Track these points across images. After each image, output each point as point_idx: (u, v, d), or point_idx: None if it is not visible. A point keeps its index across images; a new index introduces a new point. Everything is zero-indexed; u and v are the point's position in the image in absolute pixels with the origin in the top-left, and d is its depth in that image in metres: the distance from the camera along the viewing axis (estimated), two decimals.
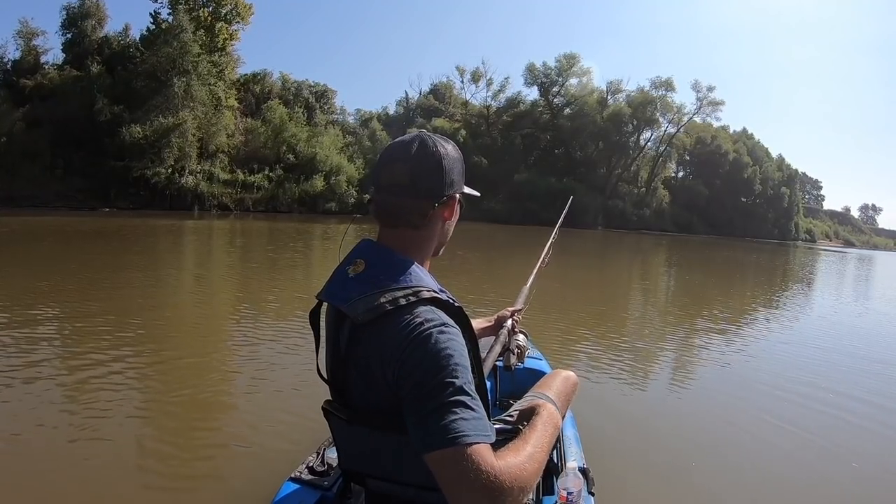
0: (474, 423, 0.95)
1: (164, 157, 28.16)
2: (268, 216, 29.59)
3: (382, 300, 1.06)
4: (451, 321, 1.08)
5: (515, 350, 1.82)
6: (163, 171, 28.18)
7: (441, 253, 1.29)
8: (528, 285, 2.17)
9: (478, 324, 1.86)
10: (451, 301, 1.13)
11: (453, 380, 0.98)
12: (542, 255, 2.36)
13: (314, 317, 1.26)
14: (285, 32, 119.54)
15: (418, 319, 1.04)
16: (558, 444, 1.88)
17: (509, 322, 1.93)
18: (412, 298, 1.06)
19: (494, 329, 1.92)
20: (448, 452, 0.93)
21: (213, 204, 30.14)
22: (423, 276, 1.14)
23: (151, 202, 27.80)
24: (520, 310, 1.98)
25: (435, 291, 1.11)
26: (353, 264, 1.16)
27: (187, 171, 29.19)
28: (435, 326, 1.03)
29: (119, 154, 27.59)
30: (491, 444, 0.96)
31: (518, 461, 1.00)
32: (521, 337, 1.88)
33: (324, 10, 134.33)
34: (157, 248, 13.42)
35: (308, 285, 8.56)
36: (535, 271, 2.28)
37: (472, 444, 0.93)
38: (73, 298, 6.40)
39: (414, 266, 1.15)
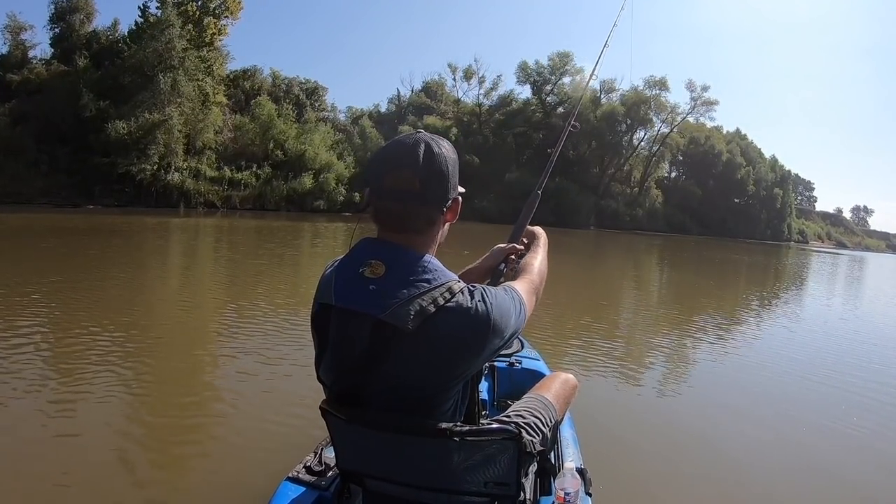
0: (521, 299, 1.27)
1: (149, 153, 27.71)
2: (255, 214, 29.30)
3: (426, 304, 1.09)
4: (477, 285, 1.19)
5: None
6: (148, 167, 27.73)
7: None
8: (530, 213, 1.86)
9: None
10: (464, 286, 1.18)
11: (517, 310, 1.23)
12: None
13: (320, 320, 1.21)
14: (278, 30, 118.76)
15: (466, 304, 1.12)
16: (556, 445, 1.91)
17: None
18: (448, 295, 1.11)
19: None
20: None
21: (199, 201, 29.71)
22: (444, 269, 1.18)
23: (136, 199, 27.42)
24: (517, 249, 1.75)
25: (458, 281, 1.16)
26: (368, 266, 1.14)
27: (173, 167, 28.78)
28: (479, 298, 1.14)
29: (104, 150, 27.15)
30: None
31: (525, 281, 1.40)
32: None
33: (318, 7, 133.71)
34: (143, 246, 13.20)
35: (301, 285, 8.51)
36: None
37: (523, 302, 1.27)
38: (58, 297, 6.27)
39: (434, 260, 1.18)
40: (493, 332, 1.13)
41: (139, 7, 30.89)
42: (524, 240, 1.73)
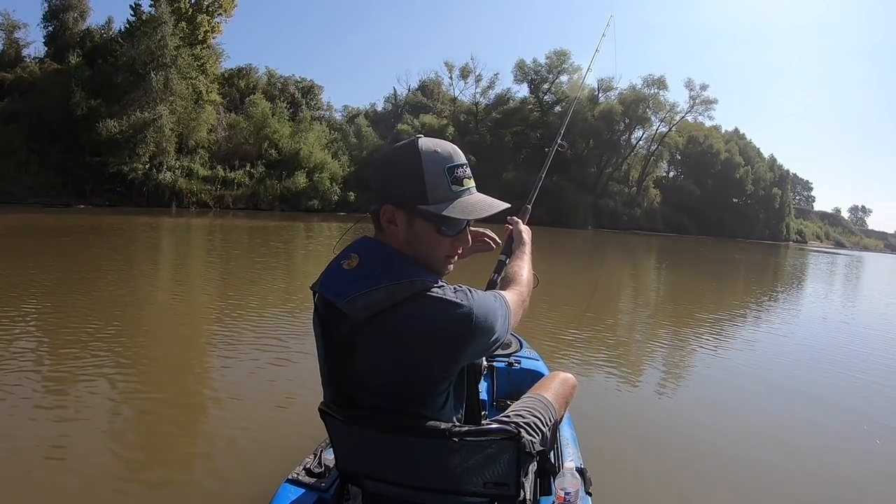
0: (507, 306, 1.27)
1: (139, 152, 27.43)
2: (248, 214, 29.00)
3: (379, 297, 1.10)
4: (448, 285, 1.16)
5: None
6: (139, 166, 27.45)
7: (441, 271, 1.26)
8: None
9: None
10: (441, 286, 1.16)
11: (504, 317, 1.22)
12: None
13: (315, 309, 1.25)
14: (275, 29, 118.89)
15: (441, 301, 1.11)
16: (556, 445, 1.91)
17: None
18: (406, 293, 1.10)
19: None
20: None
21: (191, 201, 29.41)
22: (416, 269, 1.16)
23: (128, 199, 27.14)
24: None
25: (428, 280, 1.13)
26: (348, 258, 1.18)
27: (165, 166, 28.48)
28: (460, 298, 1.12)
29: (95, 149, 26.92)
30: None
31: (513, 292, 1.38)
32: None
33: (315, 6, 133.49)
34: (136, 246, 12.95)
35: (298, 285, 8.39)
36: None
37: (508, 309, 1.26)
38: (52, 297, 6.15)
39: (405, 259, 1.17)
40: (475, 330, 1.12)
41: (131, 5, 30.62)
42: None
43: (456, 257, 1.28)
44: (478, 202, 1.22)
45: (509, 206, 1.31)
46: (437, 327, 1.11)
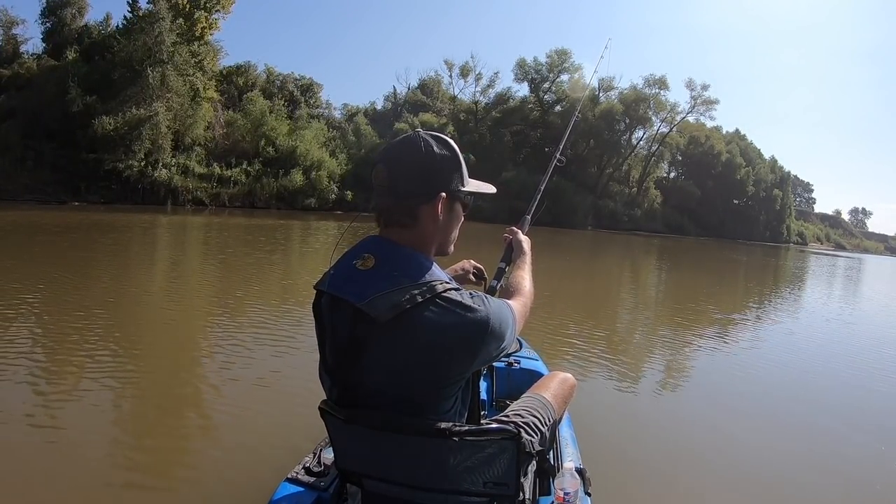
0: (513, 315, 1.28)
1: (135, 149, 27.19)
2: (245, 212, 28.78)
3: (402, 298, 1.10)
4: (464, 290, 1.18)
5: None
6: (135, 164, 27.20)
7: (450, 251, 1.33)
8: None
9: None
10: (458, 289, 1.18)
11: (512, 326, 1.25)
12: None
13: (317, 308, 1.25)
14: (276, 27, 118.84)
15: (459, 306, 1.13)
16: (555, 445, 1.92)
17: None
18: (428, 295, 1.12)
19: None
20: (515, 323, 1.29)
21: (187, 199, 29.16)
22: (434, 270, 1.19)
23: (123, 196, 26.89)
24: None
25: (446, 282, 1.16)
26: (361, 258, 1.18)
27: (160, 164, 28.26)
28: (478, 304, 1.15)
29: (91, 146, 26.67)
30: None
31: (519, 302, 1.41)
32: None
33: (316, 4, 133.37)
34: (132, 245, 12.84)
35: (295, 285, 8.33)
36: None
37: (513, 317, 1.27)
38: (46, 297, 6.08)
39: (424, 260, 1.20)
40: (490, 336, 1.15)
41: (128, 1, 30.35)
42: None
43: None
44: (479, 181, 1.37)
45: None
46: (456, 330, 1.12)
